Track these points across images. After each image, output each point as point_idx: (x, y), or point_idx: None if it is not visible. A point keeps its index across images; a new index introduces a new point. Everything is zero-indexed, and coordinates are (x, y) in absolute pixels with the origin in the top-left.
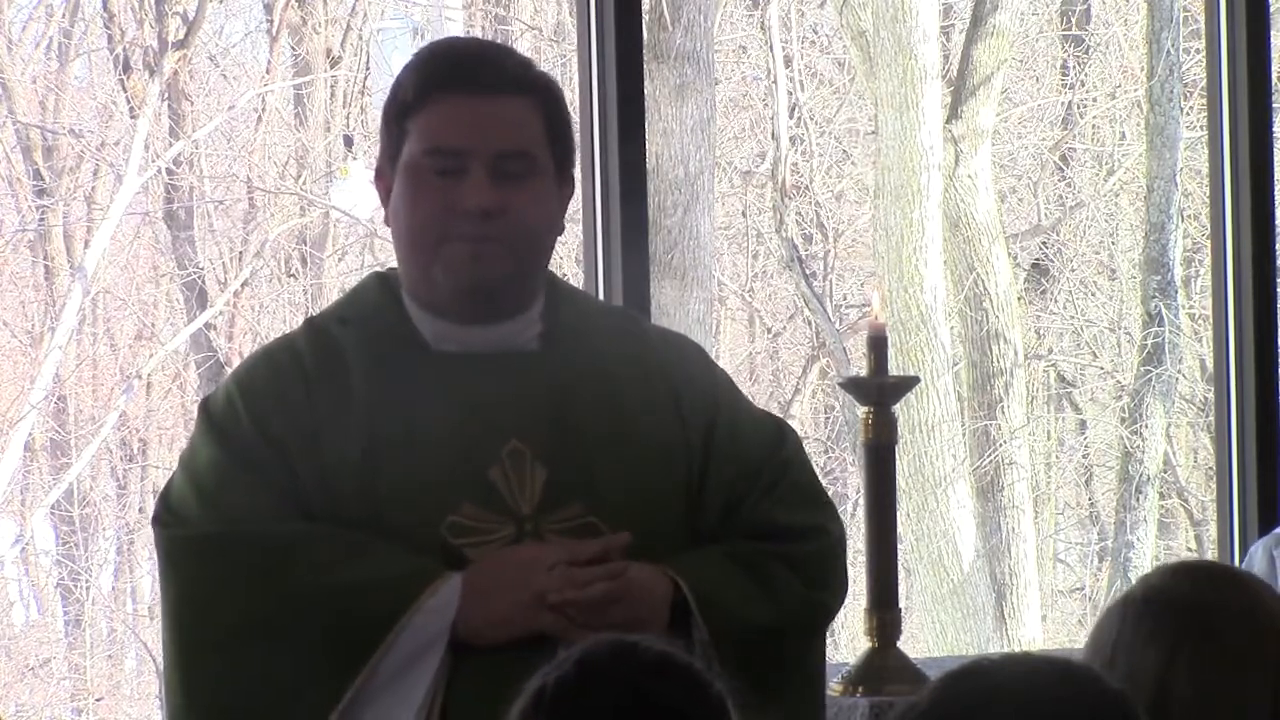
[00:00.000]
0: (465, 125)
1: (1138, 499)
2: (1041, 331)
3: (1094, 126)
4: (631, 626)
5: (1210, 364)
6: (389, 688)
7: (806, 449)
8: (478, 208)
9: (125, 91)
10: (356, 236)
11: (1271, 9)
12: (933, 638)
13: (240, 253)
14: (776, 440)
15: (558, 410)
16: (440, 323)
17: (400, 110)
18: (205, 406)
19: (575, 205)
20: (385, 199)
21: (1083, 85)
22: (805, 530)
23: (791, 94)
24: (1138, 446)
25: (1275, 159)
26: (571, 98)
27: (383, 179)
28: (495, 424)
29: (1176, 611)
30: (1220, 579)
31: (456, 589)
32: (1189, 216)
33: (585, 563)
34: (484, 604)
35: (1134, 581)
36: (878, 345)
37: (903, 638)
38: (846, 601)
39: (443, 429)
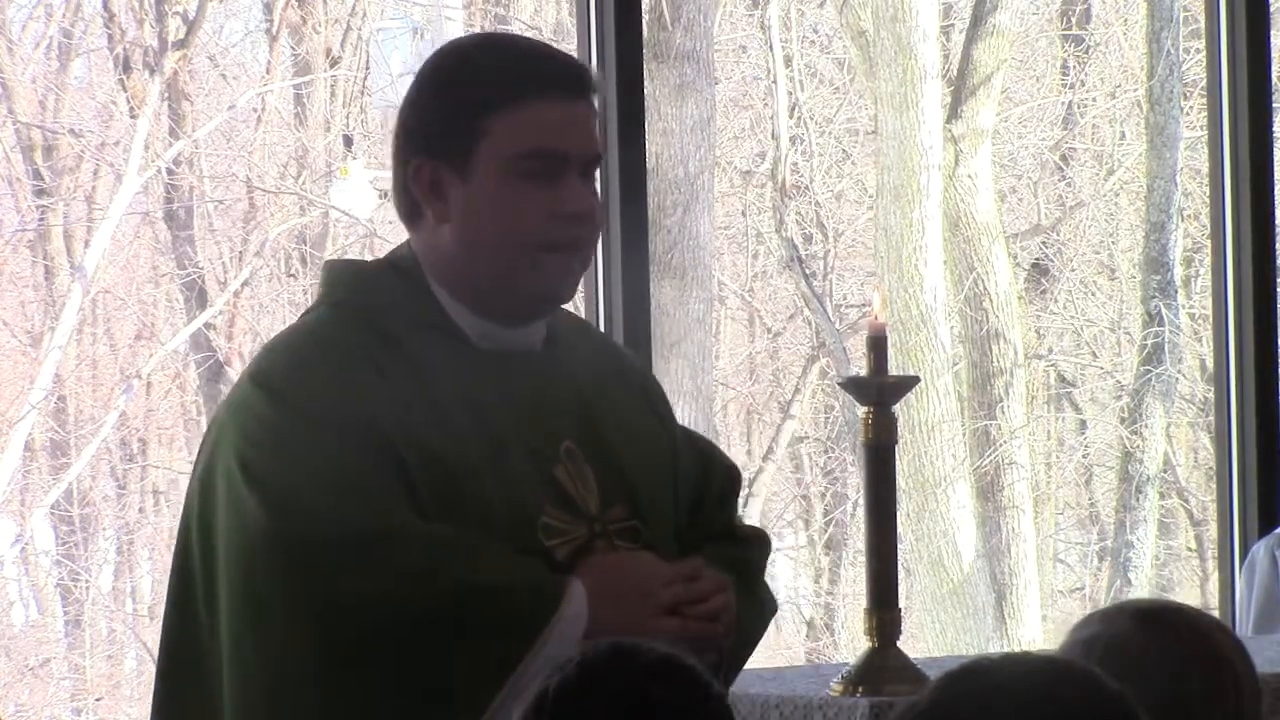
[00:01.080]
0: (564, 129)
1: (1138, 499)
2: (1041, 331)
3: (1094, 126)
4: (727, 635)
5: (1210, 364)
6: (524, 698)
7: (807, 449)
8: (582, 211)
9: (125, 91)
10: (356, 236)
11: (1271, 9)
12: (933, 638)
13: (240, 253)
14: (712, 448)
15: (585, 410)
16: (483, 321)
17: (479, 107)
18: (276, 388)
19: None
20: (431, 191)
21: (1083, 85)
22: (759, 535)
23: (791, 94)
24: (1138, 446)
25: (1275, 159)
26: None
27: (427, 171)
28: (549, 423)
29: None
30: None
31: (584, 595)
32: (1189, 216)
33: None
34: (613, 611)
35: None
36: (878, 345)
37: (903, 638)
38: (847, 601)
39: (512, 427)
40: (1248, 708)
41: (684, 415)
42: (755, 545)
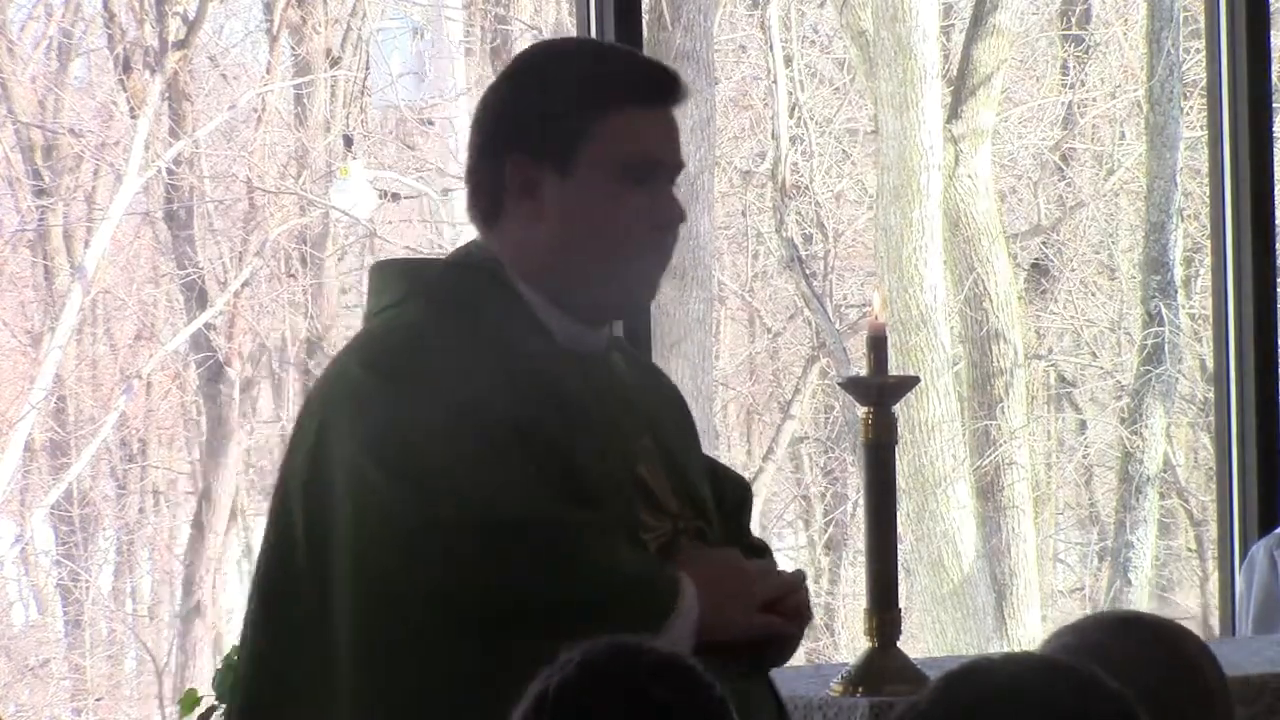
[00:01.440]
0: (665, 138)
1: (1138, 499)
2: (1041, 331)
3: (1094, 126)
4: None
5: (1210, 364)
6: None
7: (807, 449)
8: (674, 220)
9: (125, 91)
10: (356, 236)
11: (1271, 9)
12: (933, 638)
13: (240, 253)
14: (715, 462)
15: (649, 412)
16: (573, 323)
17: (589, 108)
18: (395, 373)
19: None
20: (524, 189)
21: (1083, 85)
22: (767, 548)
23: (791, 94)
24: (1138, 446)
25: (1275, 159)
26: None
27: (523, 168)
28: (627, 422)
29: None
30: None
31: (694, 590)
32: (1189, 216)
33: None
34: (719, 606)
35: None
36: (878, 345)
37: (903, 638)
38: (847, 601)
39: (603, 424)
40: (1219, 710)
41: None
42: (767, 557)
